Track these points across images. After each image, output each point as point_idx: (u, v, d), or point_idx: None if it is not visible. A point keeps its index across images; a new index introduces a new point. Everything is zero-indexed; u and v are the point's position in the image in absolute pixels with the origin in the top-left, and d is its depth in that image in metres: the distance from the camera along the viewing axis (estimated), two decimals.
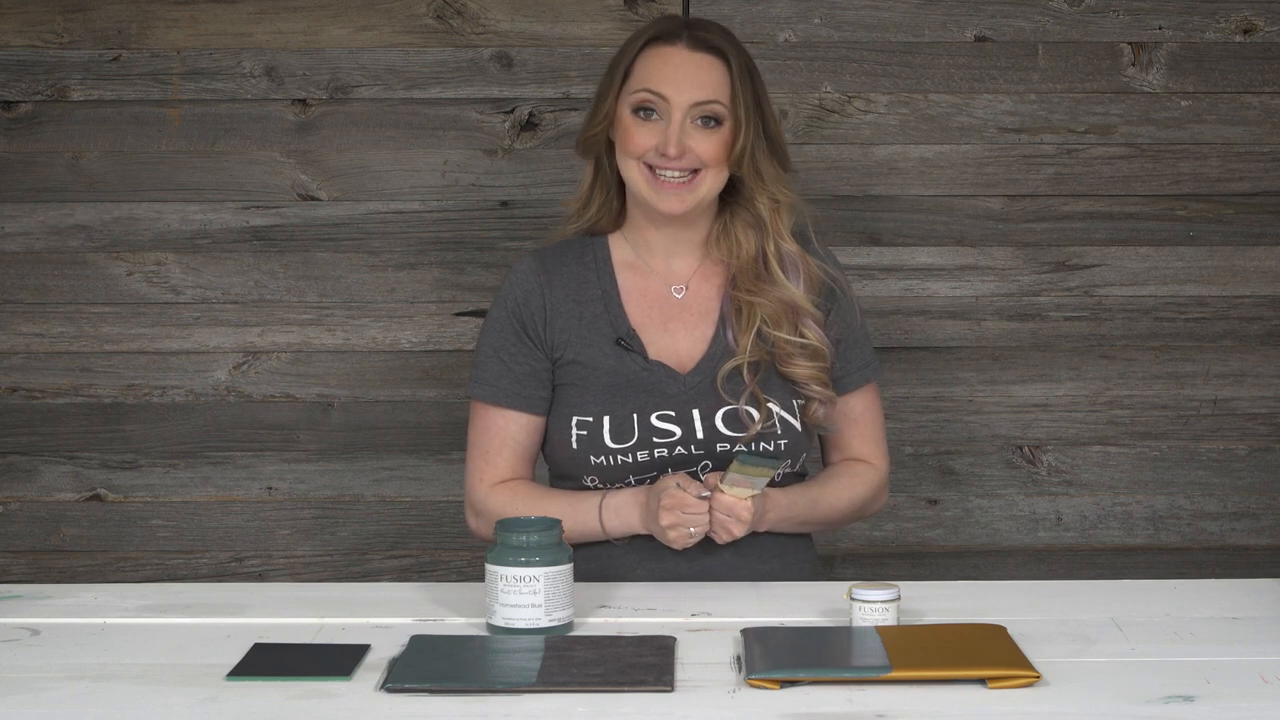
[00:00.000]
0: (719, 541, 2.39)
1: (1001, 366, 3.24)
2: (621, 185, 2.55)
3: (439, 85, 3.18)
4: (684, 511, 2.34)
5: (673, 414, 2.46)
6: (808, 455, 2.54)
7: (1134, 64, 3.19)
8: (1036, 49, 3.18)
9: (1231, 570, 3.24)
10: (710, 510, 2.35)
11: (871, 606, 2.07)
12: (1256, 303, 3.23)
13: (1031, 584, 2.44)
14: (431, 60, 3.18)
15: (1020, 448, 3.25)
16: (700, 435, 2.46)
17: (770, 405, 2.46)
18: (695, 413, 2.47)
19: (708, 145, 2.46)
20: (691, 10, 3.15)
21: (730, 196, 2.54)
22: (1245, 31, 3.19)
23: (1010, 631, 2.05)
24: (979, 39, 3.18)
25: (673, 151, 2.44)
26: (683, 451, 2.45)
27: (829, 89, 3.18)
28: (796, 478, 2.54)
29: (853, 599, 2.08)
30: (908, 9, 3.17)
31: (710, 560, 2.46)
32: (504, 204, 3.20)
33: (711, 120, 2.46)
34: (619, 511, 2.45)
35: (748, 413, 2.46)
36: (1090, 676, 1.92)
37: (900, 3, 3.17)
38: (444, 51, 3.18)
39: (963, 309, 3.22)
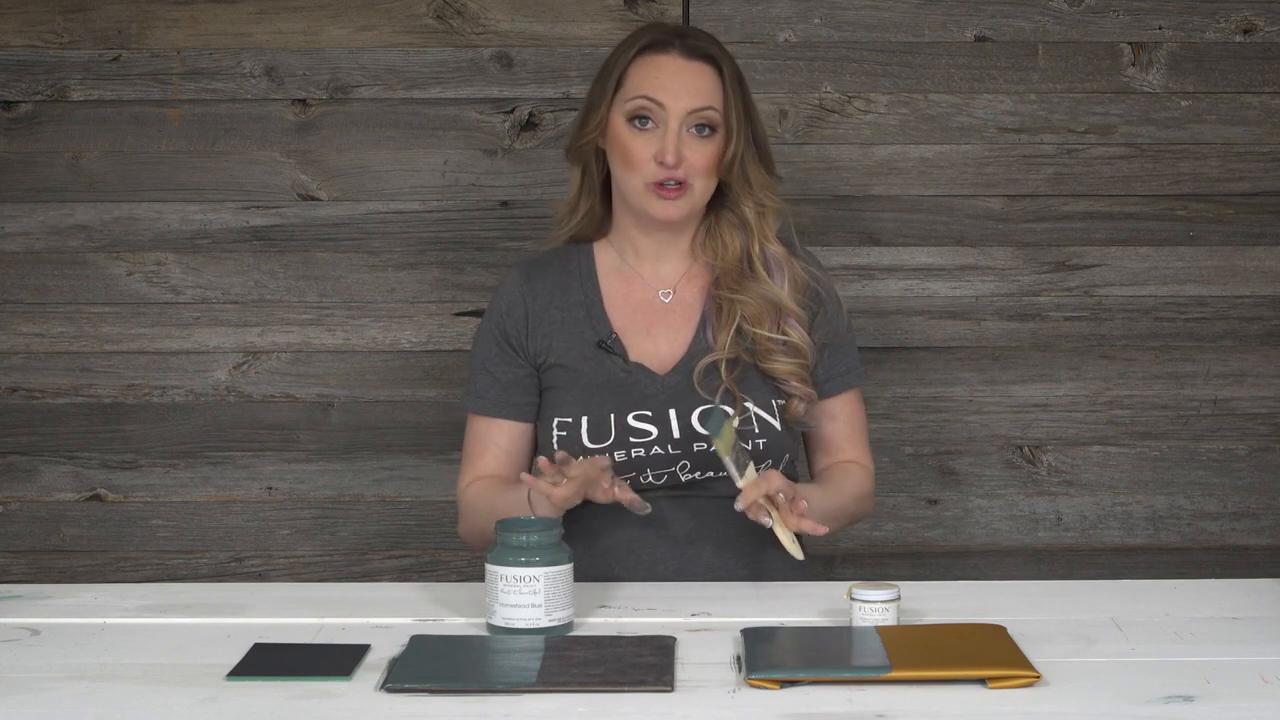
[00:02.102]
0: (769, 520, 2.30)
1: (1001, 366, 3.23)
2: (607, 192, 2.56)
3: (439, 85, 3.18)
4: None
5: (650, 414, 2.47)
6: (793, 459, 2.53)
7: (1134, 64, 3.19)
8: (1036, 49, 3.18)
9: (1231, 570, 3.24)
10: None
11: (871, 606, 2.07)
12: (1256, 303, 3.23)
13: (1031, 584, 2.44)
14: (431, 60, 3.18)
15: (1020, 448, 3.25)
16: (676, 435, 2.46)
17: (747, 404, 2.46)
18: (672, 412, 2.47)
19: (701, 155, 2.47)
20: (691, 10, 3.15)
21: (716, 199, 2.54)
22: (1245, 31, 3.19)
23: (1010, 631, 2.05)
24: (979, 39, 3.18)
25: (670, 160, 2.44)
26: (660, 451, 2.46)
27: (829, 89, 3.18)
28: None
29: (853, 599, 2.08)
30: (908, 9, 3.17)
31: (692, 565, 2.47)
32: (504, 204, 3.20)
33: (705, 129, 2.47)
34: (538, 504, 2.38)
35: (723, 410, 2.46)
36: (1090, 676, 1.92)
37: (900, 3, 3.17)
38: (444, 51, 3.18)
39: (963, 309, 3.22)
